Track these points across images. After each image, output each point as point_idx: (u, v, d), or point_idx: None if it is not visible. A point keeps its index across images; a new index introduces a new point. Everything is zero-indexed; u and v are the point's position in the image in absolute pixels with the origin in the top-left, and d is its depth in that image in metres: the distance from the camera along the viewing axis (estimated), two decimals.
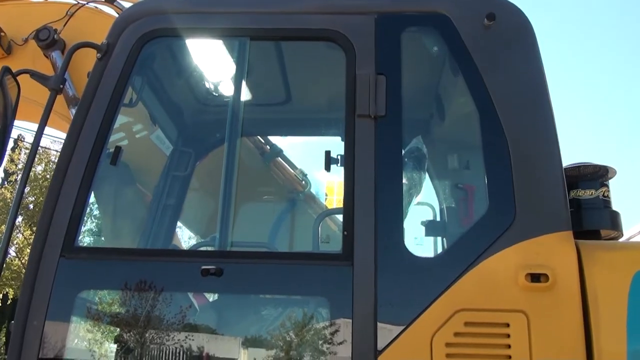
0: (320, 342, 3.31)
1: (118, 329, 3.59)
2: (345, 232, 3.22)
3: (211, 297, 3.80)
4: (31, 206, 32.53)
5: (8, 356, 3.24)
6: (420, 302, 3.04)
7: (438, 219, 4.54)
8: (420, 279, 3.15)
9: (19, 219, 32.76)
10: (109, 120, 3.54)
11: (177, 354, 3.30)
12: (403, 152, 3.56)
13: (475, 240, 3.20)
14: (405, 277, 3.14)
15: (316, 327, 3.41)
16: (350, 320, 3.05)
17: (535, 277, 3.02)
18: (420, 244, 3.83)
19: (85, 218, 3.55)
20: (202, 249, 4.48)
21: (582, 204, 3.52)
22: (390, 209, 3.26)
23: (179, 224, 4.89)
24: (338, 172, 3.83)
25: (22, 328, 3.22)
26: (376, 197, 3.23)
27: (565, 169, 3.36)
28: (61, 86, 3.63)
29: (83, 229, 3.59)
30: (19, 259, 32.17)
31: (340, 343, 3.10)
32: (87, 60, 3.96)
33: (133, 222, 4.67)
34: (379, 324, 3.03)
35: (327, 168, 3.69)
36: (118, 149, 3.84)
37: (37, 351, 3.18)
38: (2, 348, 49.12)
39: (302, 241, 5.05)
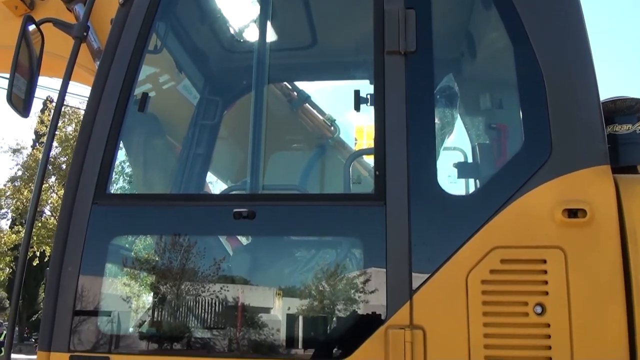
0: (354, 282, 3.30)
1: (151, 274, 3.63)
2: (377, 172, 3.18)
3: (244, 240, 3.80)
4: (64, 166, 33.09)
5: (45, 302, 3.31)
6: (455, 241, 3.01)
7: (470, 160, 4.46)
8: (455, 217, 3.10)
9: (52, 178, 33.44)
10: (134, 67, 3.51)
11: (211, 297, 3.33)
12: (434, 89, 3.48)
13: (510, 176, 3.13)
14: (439, 216, 3.10)
15: (349, 268, 3.41)
16: (384, 260, 3.03)
17: (572, 213, 2.96)
18: (453, 182, 3.77)
19: (115, 166, 3.56)
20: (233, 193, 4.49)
21: (619, 140, 3.42)
22: (422, 147, 3.20)
23: (209, 173, 4.89)
24: (367, 116, 3.78)
25: (58, 275, 3.27)
26: (408, 135, 3.17)
27: (601, 103, 3.25)
28: (85, 34, 3.61)
29: (114, 178, 3.61)
30: (54, 218, 32.89)
31: (375, 283, 3.09)
32: (110, 9, 3.91)
33: (163, 172, 4.68)
34: (413, 263, 3.00)
35: (357, 108, 3.64)
36: (145, 96, 3.83)
37: (73, 297, 3.24)
38: (41, 302, 50.69)
39: (332, 186, 5.03)
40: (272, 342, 3.24)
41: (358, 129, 4.94)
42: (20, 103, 3.67)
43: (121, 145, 3.77)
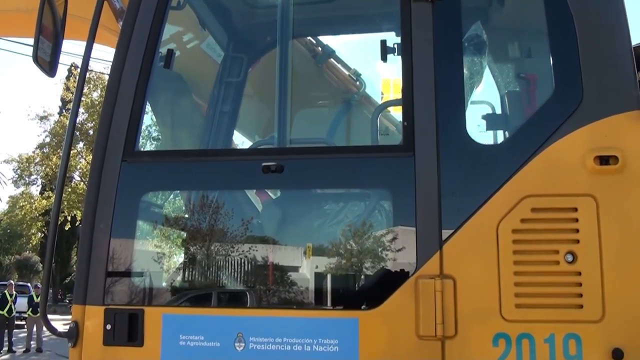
0: (384, 234, 3.31)
1: (182, 228, 3.68)
2: (405, 123, 3.15)
3: (273, 194, 3.82)
4: (91, 132, 33.40)
5: (78, 258, 3.37)
6: (485, 190, 2.99)
7: (499, 112, 4.40)
8: (485, 166, 3.08)
9: (80, 144, 33.81)
10: (158, 23, 3.50)
11: (241, 250, 3.36)
12: (462, 38, 3.42)
13: (541, 124, 3.09)
14: (469, 165, 3.08)
15: (378, 219, 3.42)
16: (414, 211, 3.02)
17: (604, 160, 2.92)
18: (483, 131, 3.73)
19: (143, 124, 3.58)
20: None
21: None
22: (451, 97, 3.16)
23: (236, 131, 4.89)
24: (393, 69, 3.73)
25: (90, 231, 3.32)
26: (436, 84, 3.13)
27: (633, 48, 3.16)
28: None
29: (141, 143, 3.63)
30: (84, 183, 33.38)
31: (404, 234, 3.09)
32: None
33: (190, 131, 4.69)
34: (442, 213, 3.00)
35: (384, 58, 3.58)
36: (170, 52, 3.82)
37: (106, 252, 3.29)
38: (74, 265, 51.82)
39: (359, 142, 4.98)
40: (302, 293, 3.28)
41: (384, 82, 4.88)
42: (46, 64, 3.69)
43: (148, 106, 3.78)
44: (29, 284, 33.55)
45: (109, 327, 3.20)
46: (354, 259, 3.27)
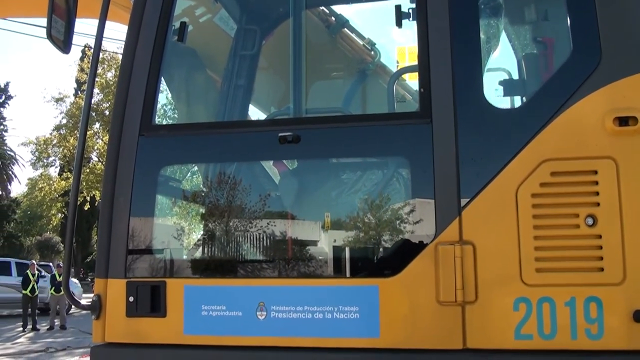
0: (402, 201, 3.31)
1: (201, 200, 3.70)
2: (422, 89, 3.12)
3: (290, 165, 3.82)
4: (107, 112, 33.53)
5: (99, 232, 3.40)
6: (503, 155, 2.97)
7: (517, 76, 4.34)
8: (503, 131, 3.05)
9: (97, 125, 33.99)
10: None
11: (261, 221, 3.37)
12: (478, 1, 3.36)
13: (559, 87, 3.06)
14: (487, 130, 3.05)
15: (397, 187, 3.41)
16: (432, 178, 3.01)
17: (623, 121, 2.88)
18: (500, 95, 3.68)
19: (158, 101, 3.59)
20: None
21: None
22: (468, 61, 3.13)
23: (251, 105, 4.88)
24: (408, 36, 3.69)
25: (110, 205, 3.35)
26: (452, 49, 3.10)
27: None
28: None
29: (157, 117, 3.64)
30: (102, 163, 33.60)
31: (423, 201, 3.09)
32: None
33: (205, 105, 4.68)
34: (461, 179, 2.98)
35: (399, 24, 3.54)
36: (183, 25, 3.80)
37: (126, 225, 3.33)
38: (94, 244, 52.37)
39: (376, 110, 4.93)
40: (322, 262, 3.29)
41: (399, 50, 4.83)
42: (60, 42, 3.69)
43: (163, 83, 3.78)
44: (50, 264, 33.98)
45: (131, 299, 3.25)
46: (373, 227, 3.27)
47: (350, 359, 3.01)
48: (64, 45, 3.70)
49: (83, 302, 3.45)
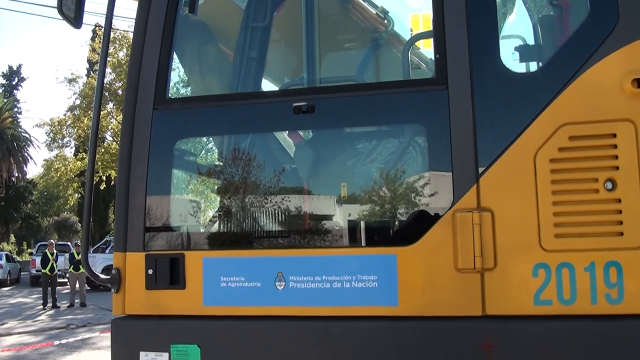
0: (419, 169, 3.29)
1: (217, 173, 3.70)
2: (437, 55, 3.08)
3: (305, 134, 3.80)
4: (120, 92, 33.60)
5: (116, 206, 3.42)
6: (521, 121, 2.94)
7: (533, 41, 4.27)
8: (520, 96, 3.01)
9: (110, 105, 34.09)
10: None
11: (277, 192, 3.37)
12: None
13: (576, 49, 3.00)
14: (504, 96, 3.01)
15: (413, 155, 3.39)
16: (449, 145, 2.99)
17: None
18: (517, 59, 3.62)
19: (172, 71, 3.57)
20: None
21: None
22: (484, 24, 3.07)
23: (264, 78, 4.85)
24: (422, 2, 3.63)
25: (126, 179, 3.36)
26: (467, 12, 3.05)
27: None
28: None
29: (171, 85, 3.63)
30: (116, 143, 33.75)
31: (440, 168, 3.06)
32: None
33: (218, 79, 4.66)
34: (478, 145, 2.96)
35: None
36: None
37: (143, 199, 3.34)
38: (111, 223, 52.90)
39: (390, 79, 4.88)
40: (340, 232, 3.29)
41: (413, 17, 4.77)
42: (71, 17, 3.67)
43: (175, 59, 3.76)
44: (69, 243, 34.38)
45: (150, 271, 3.27)
46: (390, 195, 3.26)
47: (370, 327, 3.02)
48: (75, 20, 3.69)
49: (102, 276, 3.47)
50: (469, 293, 2.90)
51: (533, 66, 3.83)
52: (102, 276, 3.44)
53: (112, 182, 37.45)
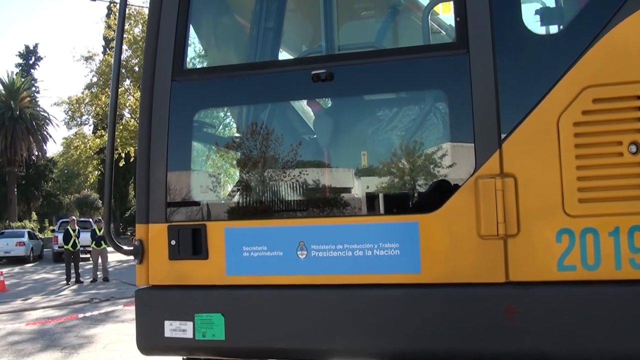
0: (440, 136, 3.26)
1: (236, 143, 3.69)
2: (458, 18, 3.03)
3: (324, 103, 3.77)
4: (136, 68, 33.63)
5: (137, 179, 3.43)
6: (543, 84, 2.88)
7: (554, 1, 4.18)
8: (543, 58, 2.95)
9: (127, 81, 34.16)
10: None
11: (297, 161, 3.36)
12: None
13: (599, 8, 2.92)
14: (526, 58, 2.96)
15: (434, 122, 3.35)
16: (470, 110, 2.95)
17: None
18: (539, 21, 3.54)
19: (189, 43, 3.55)
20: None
21: None
22: None
23: (281, 49, 4.82)
24: None
25: (147, 152, 3.37)
26: None
27: None
28: None
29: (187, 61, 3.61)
30: (134, 120, 33.89)
31: (461, 135, 3.03)
32: None
33: (235, 50, 4.63)
34: (500, 110, 2.91)
35: None
36: None
37: (164, 171, 3.35)
38: (132, 200, 53.36)
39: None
40: (361, 200, 3.28)
41: None
42: None
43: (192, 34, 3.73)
44: (90, 220, 34.76)
45: (173, 242, 3.29)
46: (411, 163, 3.23)
47: (392, 295, 3.02)
48: None
49: (126, 247, 3.50)
50: (492, 259, 2.89)
51: (555, 28, 3.75)
52: (126, 247, 3.46)
53: (131, 159, 37.71)
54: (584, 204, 2.81)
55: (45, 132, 61.25)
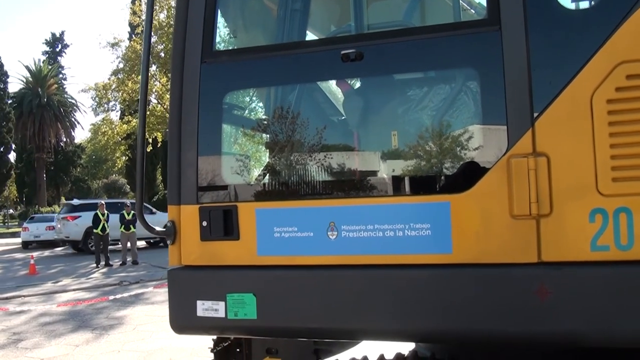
0: (472, 114, 3.23)
1: (267, 124, 3.70)
2: None
3: (354, 83, 3.76)
4: (162, 54, 33.78)
5: (169, 161, 3.46)
6: (576, 60, 2.83)
7: None
8: (575, 34, 2.90)
9: (153, 67, 34.35)
10: None
11: (328, 142, 3.36)
12: None
13: None
14: (559, 34, 2.91)
15: (465, 100, 3.32)
16: (502, 88, 2.91)
17: None
18: None
19: (218, 25, 3.56)
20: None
21: None
22: None
23: (308, 31, 4.80)
24: None
25: (178, 134, 3.39)
26: None
27: None
28: None
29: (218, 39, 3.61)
30: (161, 105, 34.11)
31: (493, 113, 3.00)
32: None
33: (264, 32, 4.63)
34: (533, 88, 2.87)
35: None
36: None
37: (195, 152, 3.37)
38: (159, 184, 53.84)
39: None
40: (392, 180, 3.26)
41: None
42: None
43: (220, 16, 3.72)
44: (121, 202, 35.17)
45: (204, 223, 3.32)
46: (443, 142, 3.21)
47: (423, 275, 3.02)
48: None
49: (158, 228, 3.54)
50: (524, 239, 2.86)
51: (588, 2, 3.68)
52: (158, 228, 3.50)
53: (159, 144, 38.01)
54: (618, 183, 2.76)
55: (73, 119, 62.04)
